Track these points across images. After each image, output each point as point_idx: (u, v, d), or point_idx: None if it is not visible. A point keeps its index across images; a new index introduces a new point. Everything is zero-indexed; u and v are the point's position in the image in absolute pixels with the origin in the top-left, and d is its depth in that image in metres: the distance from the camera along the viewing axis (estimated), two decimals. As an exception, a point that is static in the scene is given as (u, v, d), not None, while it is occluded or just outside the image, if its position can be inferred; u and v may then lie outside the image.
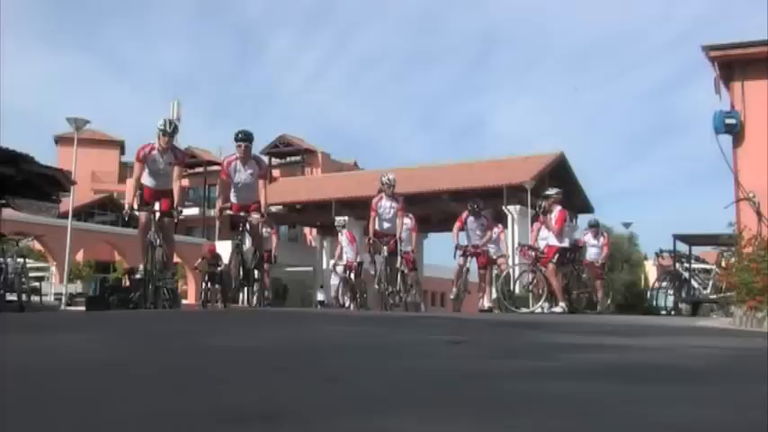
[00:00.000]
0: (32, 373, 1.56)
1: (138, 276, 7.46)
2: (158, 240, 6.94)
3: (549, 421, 1.11)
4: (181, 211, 7.34)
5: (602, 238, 11.78)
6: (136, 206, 7.01)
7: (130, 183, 7.68)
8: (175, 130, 7.15)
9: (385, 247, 8.81)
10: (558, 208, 10.07)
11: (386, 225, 8.95)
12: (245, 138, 7.26)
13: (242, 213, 7.30)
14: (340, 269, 11.85)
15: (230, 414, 1.07)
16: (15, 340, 2.52)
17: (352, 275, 11.62)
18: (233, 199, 7.40)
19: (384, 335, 2.78)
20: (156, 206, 7.00)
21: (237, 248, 7.39)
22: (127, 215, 7.36)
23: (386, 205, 8.94)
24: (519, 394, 1.39)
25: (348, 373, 1.64)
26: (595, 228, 11.91)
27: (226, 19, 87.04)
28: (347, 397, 1.30)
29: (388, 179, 8.98)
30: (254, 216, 7.20)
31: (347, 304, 11.53)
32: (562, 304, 9.63)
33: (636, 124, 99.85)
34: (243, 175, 7.27)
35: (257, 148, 9.10)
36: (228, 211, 7.37)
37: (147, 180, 7.08)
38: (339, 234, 12.26)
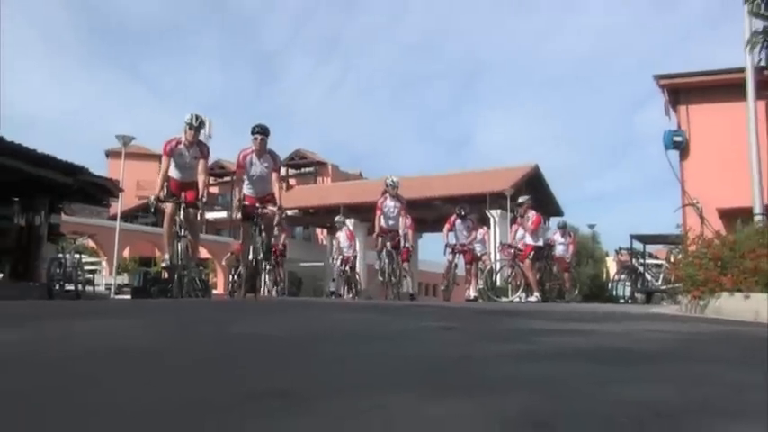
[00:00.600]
0: (84, 358, 1.54)
1: (163, 265, 6.79)
2: (183, 231, 6.36)
3: (526, 400, 1.09)
4: (204, 202, 6.56)
5: (568, 237, 11.92)
6: (162, 198, 6.39)
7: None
8: (201, 124, 6.48)
9: (389, 243, 8.58)
10: (533, 212, 10.16)
11: (390, 223, 8.70)
12: (261, 131, 6.52)
13: (257, 205, 6.60)
14: (338, 263, 11.70)
15: (250, 392, 1.06)
16: (72, 326, 2.51)
17: (348, 268, 11.51)
18: (247, 191, 6.70)
19: (385, 322, 2.75)
20: (182, 198, 6.40)
21: (251, 239, 6.69)
22: (153, 206, 6.54)
23: (390, 205, 8.67)
24: (500, 376, 1.38)
25: (353, 357, 1.63)
26: (563, 228, 12.07)
27: (249, 48, 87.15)
28: (352, 378, 1.28)
29: (392, 181, 8.72)
30: (270, 208, 6.55)
31: (345, 294, 11.42)
32: (537, 294, 9.67)
33: (601, 140, 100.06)
34: (258, 168, 6.56)
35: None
36: (243, 203, 6.63)
37: (173, 173, 6.44)
38: (338, 231, 11.97)
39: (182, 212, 6.34)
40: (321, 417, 0.90)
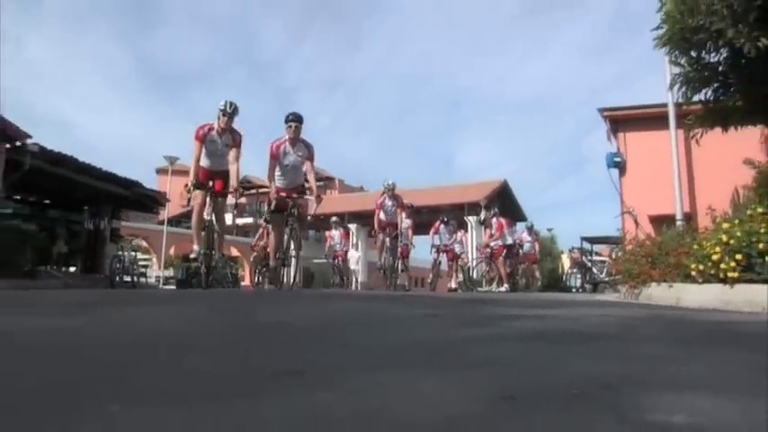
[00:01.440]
0: (137, 339, 1.53)
1: (192, 256, 5.28)
2: (214, 222, 5.13)
3: (498, 373, 1.09)
4: (242, 192, 5.13)
5: (534, 236, 12.07)
6: (194, 185, 5.06)
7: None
8: (235, 111, 5.10)
9: (388, 239, 8.24)
10: (494, 220, 10.53)
11: (389, 217, 8.40)
12: (295, 119, 5.26)
13: (294, 195, 5.33)
14: (330, 257, 11.31)
15: (272, 372, 1.05)
16: (129, 311, 2.50)
17: (340, 261, 11.25)
18: (278, 182, 5.43)
19: (384, 310, 2.72)
20: (210, 187, 5.16)
21: (282, 231, 5.41)
22: (190, 195, 5.08)
23: (388, 204, 8.39)
24: (477, 355, 1.37)
25: (357, 340, 1.61)
26: (530, 228, 12.23)
27: (271, 85, 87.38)
28: (356, 358, 1.27)
29: (389, 183, 8.47)
30: (308, 198, 5.36)
31: (336, 282, 11.22)
32: (506, 285, 9.75)
33: (557, 159, 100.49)
34: (292, 157, 5.31)
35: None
36: (280, 195, 5.36)
37: (202, 160, 5.13)
38: (333, 229, 11.56)
39: (211, 202, 5.13)
40: (330, 393, 0.89)
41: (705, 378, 1.11)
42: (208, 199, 5.13)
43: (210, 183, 5.17)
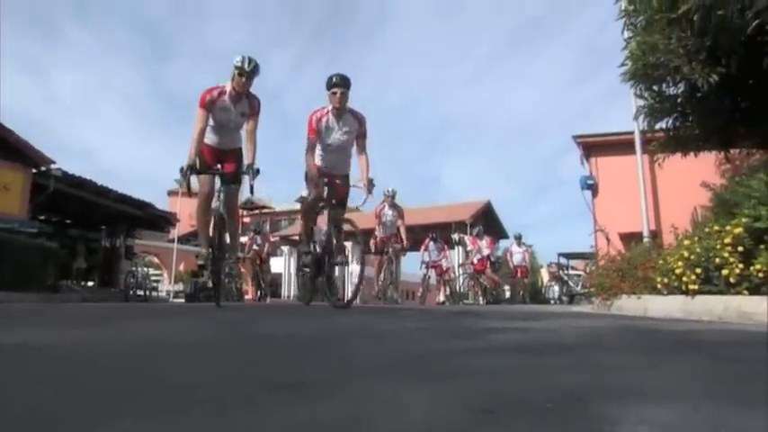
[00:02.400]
0: (149, 349, 1.51)
1: (200, 262, 3.81)
2: (225, 217, 3.70)
3: (482, 383, 1.09)
4: (258, 170, 3.37)
5: (523, 246, 11.77)
6: (197, 168, 3.50)
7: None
8: (256, 70, 3.51)
9: (390, 249, 7.54)
10: (467, 237, 10.86)
11: (389, 231, 7.63)
12: (341, 82, 3.63)
13: (337, 181, 3.87)
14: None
15: (275, 383, 1.04)
16: (140, 324, 2.46)
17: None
18: (319, 163, 3.89)
19: (378, 324, 2.69)
20: (219, 170, 3.69)
21: (333, 228, 3.91)
22: (184, 181, 3.48)
23: (388, 213, 7.65)
24: (463, 365, 1.36)
25: (353, 352, 1.59)
26: (519, 239, 11.84)
27: (274, 114, 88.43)
28: (352, 370, 1.26)
29: (389, 190, 7.67)
30: (356, 187, 3.84)
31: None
32: (493, 294, 9.94)
33: (535, 180, 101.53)
34: (336, 133, 3.73)
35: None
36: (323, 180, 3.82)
37: (208, 135, 3.64)
38: None
39: (220, 188, 3.68)
40: (329, 403, 0.89)
41: (670, 387, 1.11)
42: (216, 185, 3.70)
43: (219, 165, 3.74)
